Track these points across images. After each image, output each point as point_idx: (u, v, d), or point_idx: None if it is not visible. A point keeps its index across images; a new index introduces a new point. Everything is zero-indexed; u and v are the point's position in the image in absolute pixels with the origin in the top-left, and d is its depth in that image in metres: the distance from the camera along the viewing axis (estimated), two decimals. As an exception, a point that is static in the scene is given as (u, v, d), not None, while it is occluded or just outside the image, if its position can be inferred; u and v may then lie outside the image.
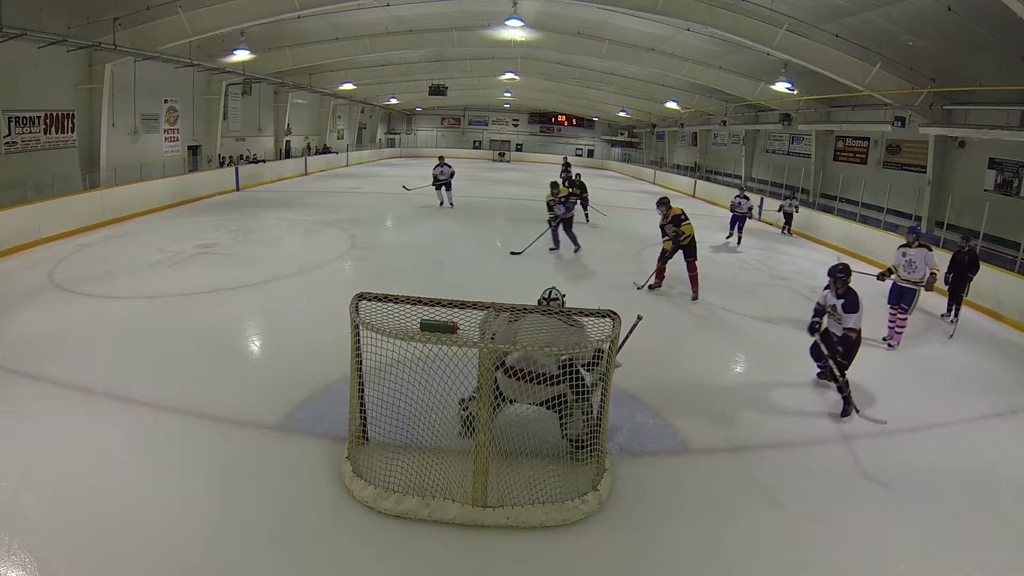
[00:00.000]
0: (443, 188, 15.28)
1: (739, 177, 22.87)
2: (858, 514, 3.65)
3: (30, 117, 11.21)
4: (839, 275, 5.14)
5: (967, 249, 7.97)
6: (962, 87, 11.58)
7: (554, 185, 10.29)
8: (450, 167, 15.31)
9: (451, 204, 15.28)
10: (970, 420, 5.09)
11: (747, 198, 13.19)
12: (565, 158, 22.23)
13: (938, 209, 12.81)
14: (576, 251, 10.39)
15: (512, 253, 9.86)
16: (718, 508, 3.64)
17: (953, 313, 7.97)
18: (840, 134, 17.24)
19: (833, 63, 12.32)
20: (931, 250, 6.85)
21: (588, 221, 14.10)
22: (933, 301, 8.87)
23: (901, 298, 6.90)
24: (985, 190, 11.90)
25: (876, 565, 3.23)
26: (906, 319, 6.90)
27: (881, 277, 7.05)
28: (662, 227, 8.42)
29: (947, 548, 3.42)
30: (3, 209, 8.96)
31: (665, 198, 8.64)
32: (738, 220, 12.99)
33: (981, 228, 10.01)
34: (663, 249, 8.39)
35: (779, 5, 11.28)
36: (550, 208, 10.20)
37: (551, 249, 10.35)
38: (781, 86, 14.65)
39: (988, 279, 8.92)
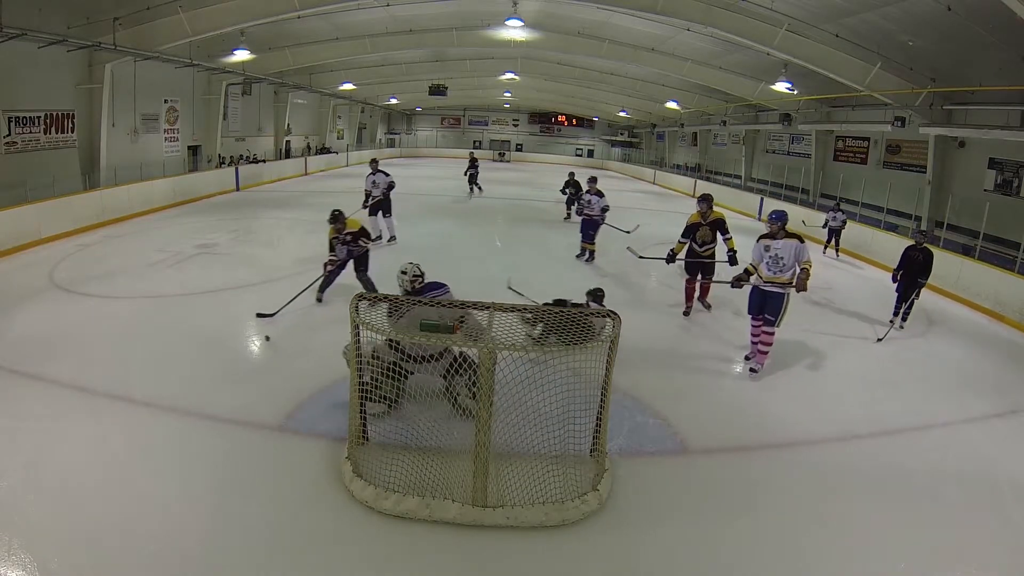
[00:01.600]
0: (380, 213, 10.37)
1: (739, 177, 22.87)
2: (858, 514, 3.65)
3: (30, 117, 11.21)
4: None
5: (921, 246, 7.25)
6: (962, 87, 11.59)
7: (336, 218, 6.99)
8: (387, 175, 10.41)
9: (393, 236, 10.57)
10: (970, 420, 5.09)
11: (601, 194, 9.85)
12: (472, 153, 20.73)
13: (938, 209, 12.81)
14: (318, 299, 7.09)
15: (259, 315, 6.39)
16: (718, 508, 3.64)
17: (901, 318, 7.35)
18: (840, 134, 17.25)
19: (833, 63, 12.32)
20: (803, 241, 5.50)
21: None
22: (933, 299, 8.86)
23: (764, 306, 5.51)
24: (985, 190, 11.90)
25: (876, 565, 3.23)
26: (773, 334, 5.54)
27: (736, 283, 5.68)
28: (697, 227, 7.12)
29: (947, 548, 3.42)
30: (3, 209, 8.96)
31: (708, 195, 7.42)
32: (589, 226, 9.87)
33: (981, 228, 10.01)
34: (672, 253, 7.15)
35: (779, 5, 11.28)
36: (333, 248, 7.01)
37: (318, 300, 7.02)
38: (781, 86, 14.65)
39: (988, 279, 8.93)
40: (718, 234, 7.18)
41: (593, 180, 10.51)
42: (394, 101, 30.82)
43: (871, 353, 6.56)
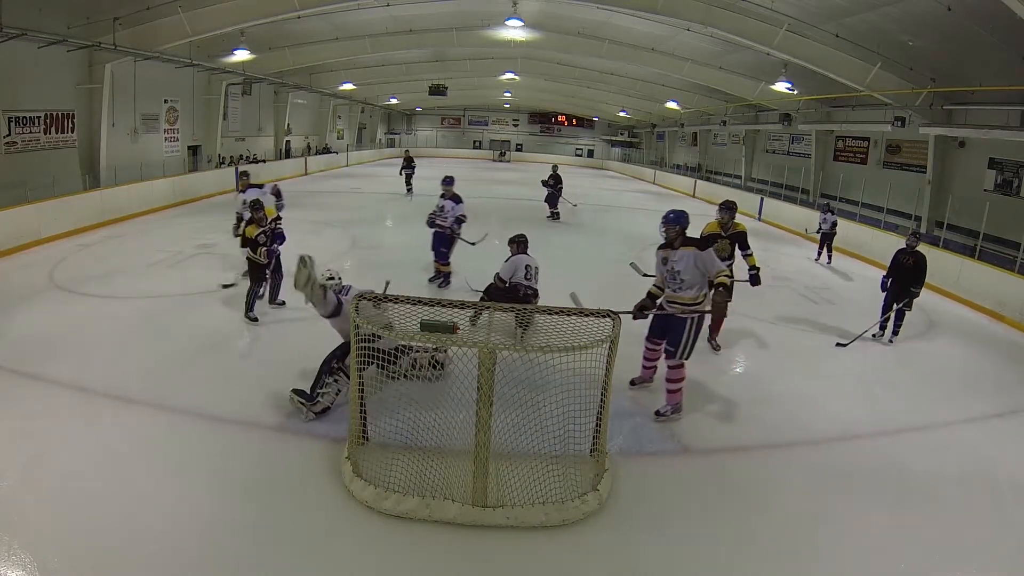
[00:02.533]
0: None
1: (739, 177, 22.86)
2: (858, 514, 3.65)
3: (30, 117, 11.21)
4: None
5: (913, 249, 6.54)
6: (962, 87, 11.58)
7: (260, 207, 6.27)
8: (277, 197, 7.87)
9: (280, 302, 6.83)
10: (970, 420, 5.09)
11: (459, 199, 7.60)
12: (407, 150, 20.54)
13: (938, 209, 12.82)
14: (252, 319, 6.28)
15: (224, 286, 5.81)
16: (718, 508, 3.64)
17: (891, 331, 6.71)
18: (840, 134, 17.25)
19: (833, 63, 12.32)
20: (704, 248, 4.36)
21: (559, 218, 14.46)
22: (933, 299, 8.85)
23: (667, 332, 4.48)
24: (985, 190, 11.90)
25: (876, 565, 3.23)
26: (679, 368, 4.43)
27: (640, 312, 4.49)
28: (715, 239, 5.85)
29: (947, 548, 3.42)
30: (3, 209, 8.95)
31: (732, 202, 6.19)
32: (441, 242, 7.70)
33: (981, 228, 10.02)
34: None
35: (779, 5, 11.28)
36: (252, 244, 6.16)
37: (253, 320, 6.30)
38: (781, 86, 14.65)
39: (988, 279, 8.93)
40: (737, 249, 6.11)
41: (449, 181, 7.88)
42: (394, 101, 30.82)
43: (871, 353, 6.56)
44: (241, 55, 15.04)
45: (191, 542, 3.09)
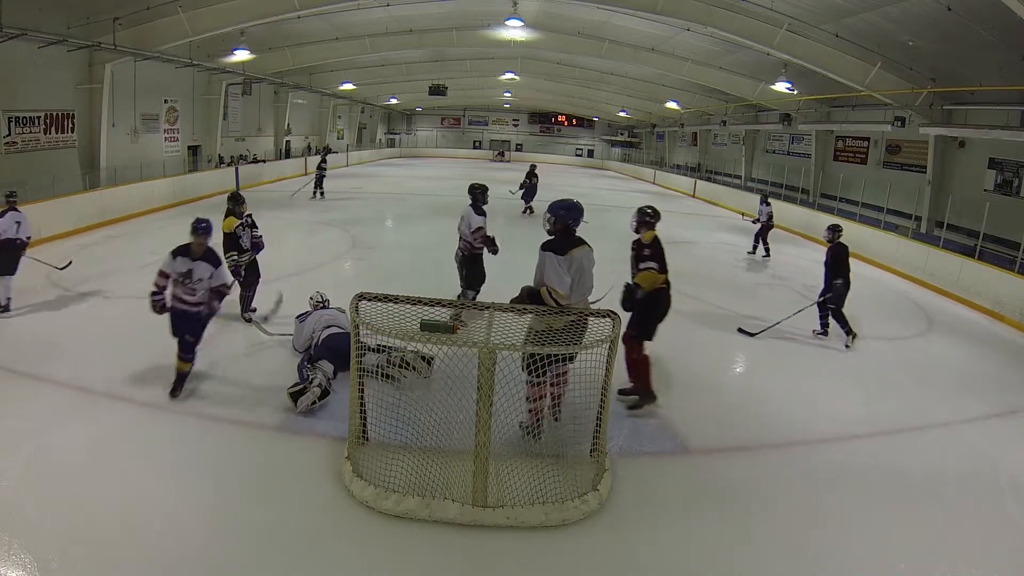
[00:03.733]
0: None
1: (739, 177, 22.85)
2: (858, 514, 3.65)
3: (30, 117, 11.21)
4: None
5: (834, 243, 6.60)
6: (962, 87, 11.59)
7: (242, 199, 6.14)
8: (17, 210, 6.41)
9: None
10: (970, 420, 5.09)
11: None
12: (327, 146, 20.46)
13: (938, 209, 12.82)
14: (247, 319, 6.30)
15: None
16: (718, 508, 3.64)
17: (819, 326, 6.67)
18: (840, 134, 17.25)
19: (833, 63, 12.33)
20: (548, 248, 3.97)
21: (531, 212, 14.81)
22: (932, 299, 8.83)
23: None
24: (985, 190, 11.90)
25: (876, 565, 3.23)
26: (533, 388, 3.85)
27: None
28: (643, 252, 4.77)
29: (947, 548, 3.42)
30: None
31: (643, 207, 4.90)
32: (187, 324, 4.84)
33: (981, 228, 10.02)
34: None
35: (779, 5, 11.29)
36: (235, 242, 6.13)
37: (247, 320, 6.34)
38: (781, 86, 14.66)
39: (988, 279, 8.93)
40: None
41: (203, 228, 5.31)
42: (394, 101, 30.84)
43: (870, 353, 6.56)
44: (241, 55, 15.05)
45: (191, 542, 3.09)
